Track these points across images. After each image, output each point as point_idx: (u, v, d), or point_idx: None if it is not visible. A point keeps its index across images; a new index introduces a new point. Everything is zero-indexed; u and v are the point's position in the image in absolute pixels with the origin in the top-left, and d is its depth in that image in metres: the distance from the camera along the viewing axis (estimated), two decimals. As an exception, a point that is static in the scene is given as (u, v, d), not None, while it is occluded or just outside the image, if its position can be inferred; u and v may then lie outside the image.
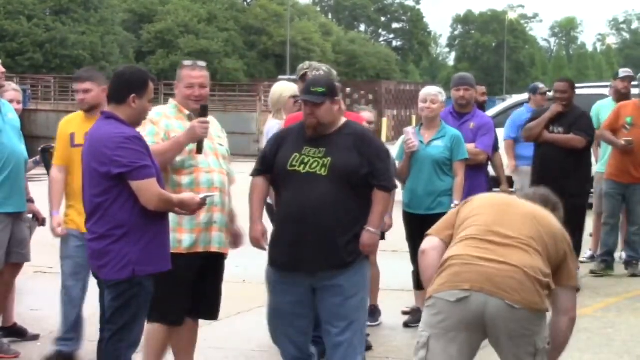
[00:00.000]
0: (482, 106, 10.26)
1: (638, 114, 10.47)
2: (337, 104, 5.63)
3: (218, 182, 5.98)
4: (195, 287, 5.98)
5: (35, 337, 7.72)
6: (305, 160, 5.55)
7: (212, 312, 6.27)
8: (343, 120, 5.72)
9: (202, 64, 6.20)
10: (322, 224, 5.48)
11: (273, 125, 7.73)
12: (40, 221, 7.74)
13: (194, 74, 6.05)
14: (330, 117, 5.59)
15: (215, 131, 6.19)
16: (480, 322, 4.43)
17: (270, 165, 5.70)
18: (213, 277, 6.15)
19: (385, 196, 5.58)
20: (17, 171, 7.13)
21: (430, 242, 4.74)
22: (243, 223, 6.22)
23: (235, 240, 6.22)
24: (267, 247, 5.77)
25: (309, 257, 5.53)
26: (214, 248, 6.04)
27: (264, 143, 7.58)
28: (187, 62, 6.18)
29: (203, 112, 5.87)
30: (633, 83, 11.54)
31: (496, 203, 4.78)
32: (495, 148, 9.62)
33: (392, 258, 10.48)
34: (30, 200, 7.66)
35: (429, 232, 4.84)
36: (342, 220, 5.51)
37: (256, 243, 5.83)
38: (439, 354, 4.49)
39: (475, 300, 4.40)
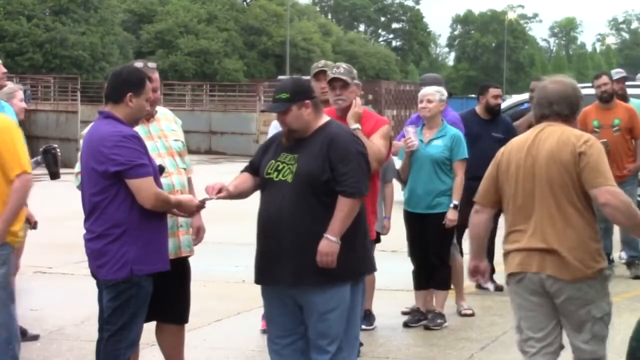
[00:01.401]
0: (495, 110, 9.64)
1: (602, 116, 10.66)
2: (308, 107, 5.29)
3: (178, 185, 5.86)
4: (164, 292, 5.70)
5: (35, 337, 7.70)
6: (279, 168, 5.29)
7: (182, 316, 6.02)
8: (323, 121, 5.40)
9: (153, 65, 6.02)
10: (283, 235, 5.19)
11: (274, 126, 7.64)
12: (32, 224, 7.44)
13: None
14: (300, 122, 5.28)
15: (169, 126, 6.05)
16: (544, 291, 5.13)
17: (257, 169, 5.46)
18: (181, 280, 5.92)
19: (348, 202, 5.17)
20: None
21: (478, 208, 5.35)
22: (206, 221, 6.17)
23: (197, 234, 6.04)
24: (211, 195, 5.34)
25: (275, 271, 5.25)
26: (185, 252, 5.90)
27: None
28: (138, 64, 5.91)
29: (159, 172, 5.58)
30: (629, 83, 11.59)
31: (523, 174, 5.13)
32: None
33: (391, 258, 10.49)
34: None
35: (475, 199, 5.38)
36: (306, 231, 5.16)
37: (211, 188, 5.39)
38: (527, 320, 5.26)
39: (530, 277, 5.15)
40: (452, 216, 8.04)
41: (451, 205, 8.02)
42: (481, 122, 9.52)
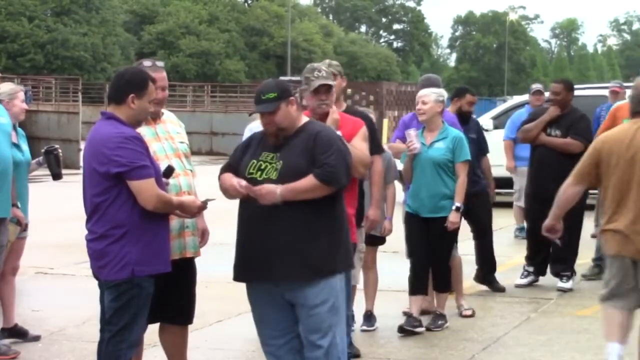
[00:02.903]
0: (467, 116, 9.51)
1: None
2: (293, 104, 5.34)
3: (185, 186, 5.85)
4: (169, 293, 5.72)
5: (37, 338, 7.71)
6: (262, 167, 5.30)
7: (187, 317, 6.03)
8: (304, 120, 5.44)
9: (161, 64, 6.01)
10: (269, 232, 5.22)
11: (249, 129, 7.56)
12: (23, 226, 7.37)
13: (154, 75, 5.67)
14: (289, 119, 5.31)
15: (174, 128, 6.05)
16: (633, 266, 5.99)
17: (235, 171, 5.46)
18: (186, 281, 5.93)
19: (314, 182, 5.14)
20: (3, 176, 6.87)
21: (574, 182, 6.18)
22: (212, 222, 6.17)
23: (201, 236, 6.06)
24: (237, 185, 5.34)
25: (262, 268, 5.27)
26: (190, 253, 5.91)
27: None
28: (146, 63, 5.91)
29: (168, 173, 5.60)
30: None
31: (623, 164, 5.91)
32: (484, 152, 9.60)
33: (393, 259, 10.48)
34: (14, 205, 7.18)
35: (573, 175, 6.17)
36: (291, 229, 5.19)
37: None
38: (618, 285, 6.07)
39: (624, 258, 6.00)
40: (454, 218, 7.96)
41: (453, 207, 7.97)
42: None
